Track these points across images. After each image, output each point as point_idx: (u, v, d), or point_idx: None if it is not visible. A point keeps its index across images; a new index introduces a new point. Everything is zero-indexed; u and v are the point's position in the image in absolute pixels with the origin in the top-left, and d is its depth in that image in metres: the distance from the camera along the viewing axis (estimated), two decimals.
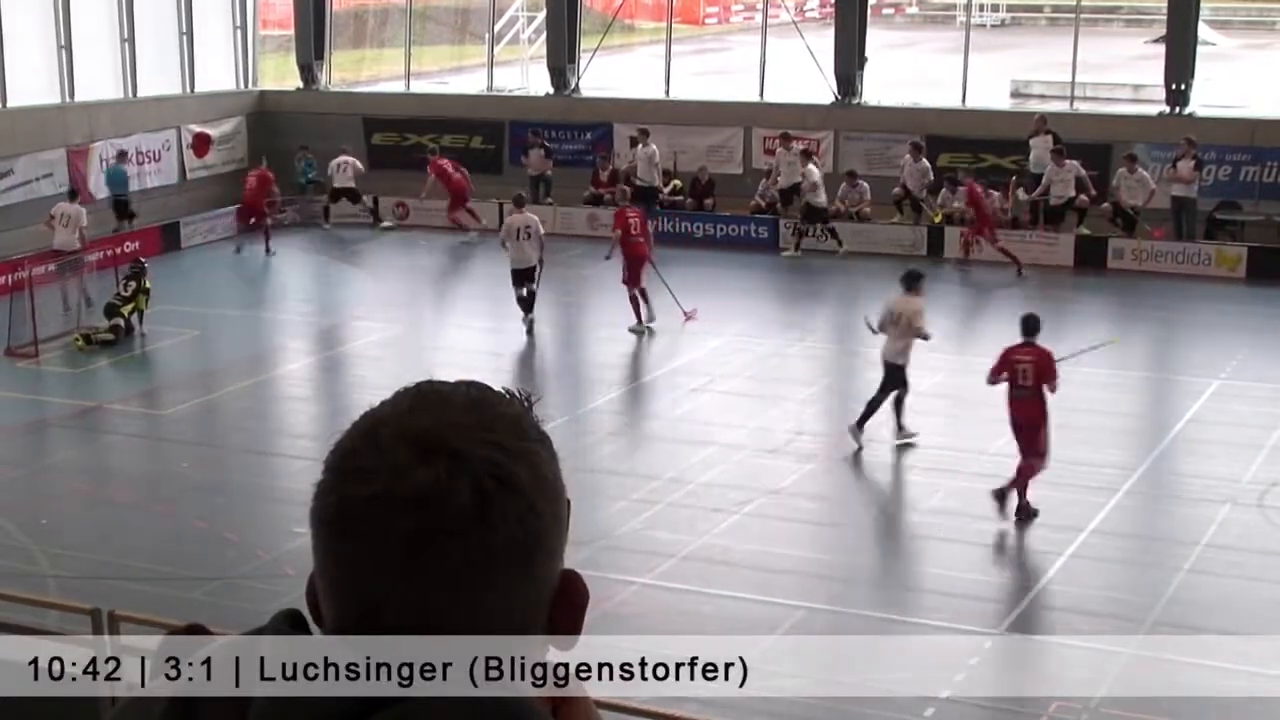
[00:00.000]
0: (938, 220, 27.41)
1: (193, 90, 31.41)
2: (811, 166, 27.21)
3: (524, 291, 22.20)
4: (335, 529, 1.48)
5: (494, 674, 1.47)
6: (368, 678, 1.43)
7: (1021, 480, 15.09)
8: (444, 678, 1.44)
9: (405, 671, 1.44)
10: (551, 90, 31.44)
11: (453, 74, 36.58)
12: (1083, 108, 30.46)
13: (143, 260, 23.42)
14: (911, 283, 17.42)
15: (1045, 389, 15.08)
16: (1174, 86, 27.45)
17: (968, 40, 30.01)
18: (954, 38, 34.29)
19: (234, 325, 23.86)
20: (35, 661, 10.06)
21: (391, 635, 1.46)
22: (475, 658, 1.47)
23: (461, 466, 1.46)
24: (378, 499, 1.45)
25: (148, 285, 22.55)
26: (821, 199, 27.17)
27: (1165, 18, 28.33)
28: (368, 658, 1.45)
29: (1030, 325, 15.30)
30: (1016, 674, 12.43)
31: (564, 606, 1.55)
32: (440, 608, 1.46)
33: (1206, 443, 17.82)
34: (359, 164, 30.27)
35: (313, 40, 32.74)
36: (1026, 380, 15.07)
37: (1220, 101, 30.22)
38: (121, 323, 22.22)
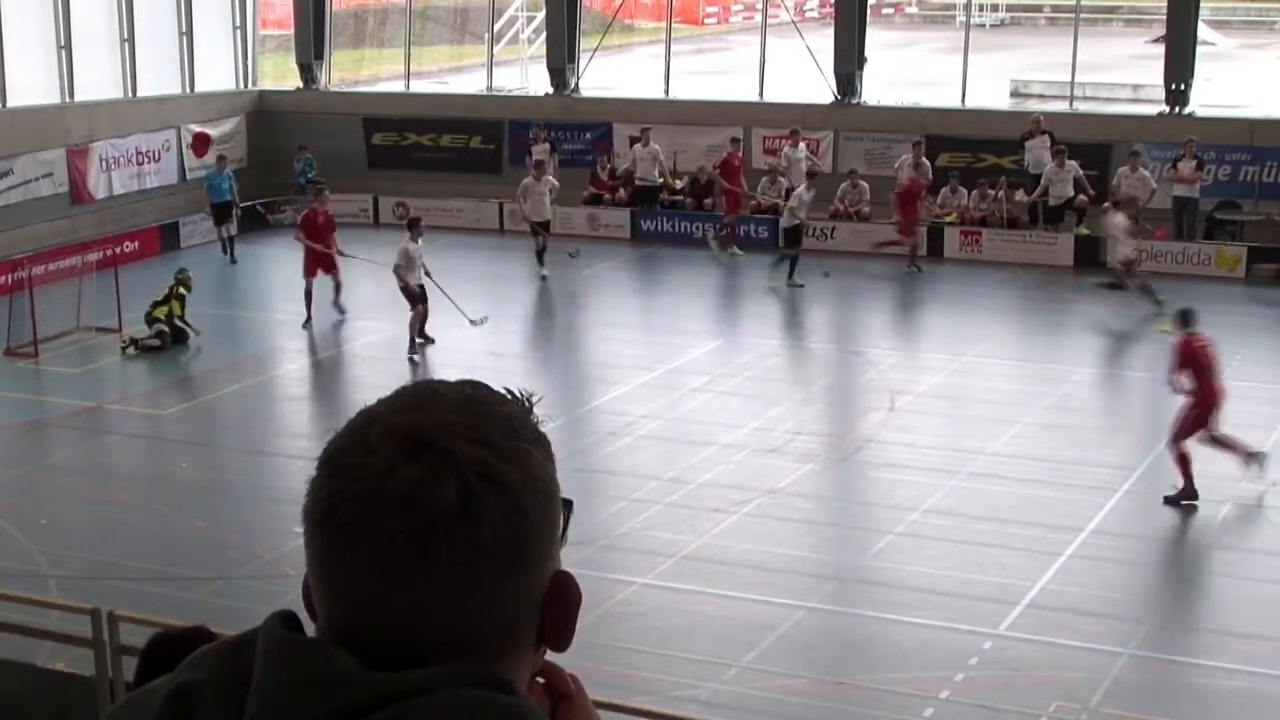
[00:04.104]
0: (949, 220, 27.38)
1: (192, 90, 31.42)
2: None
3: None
4: (324, 526, 1.48)
5: (490, 674, 1.47)
6: (362, 677, 1.43)
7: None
8: (439, 678, 1.43)
9: (399, 671, 1.44)
10: (551, 90, 31.44)
11: (452, 74, 36.58)
12: (1082, 108, 30.46)
13: (185, 269, 23.01)
14: None
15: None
16: (1173, 86, 27.46)
17: (967, 40, 30.01)
18: (953, 37, 34.30)
19: (234, 325, 23.86)
20: (35, 661, 10.08)
21: (382, 633, 1.46)
22: (470, 658, 1.47)
23: (448, 464, 1.46)
24: (365, 496, 1.45)
25: (181, 291, 22.30)
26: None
27: (1165, 17, 28.34)
28: (362, 657, 1.45)
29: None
30: (1016, 674, 12.43)
31: (556, 607, 1.54)
32: (428, 606, 1.46)
33: None
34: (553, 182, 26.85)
35: (312, 40, 32.75)
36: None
37: (1220, 101, 30.22)
38: (165, 328, 22.04)
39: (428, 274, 21.35)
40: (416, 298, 21.47)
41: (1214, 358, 15.43)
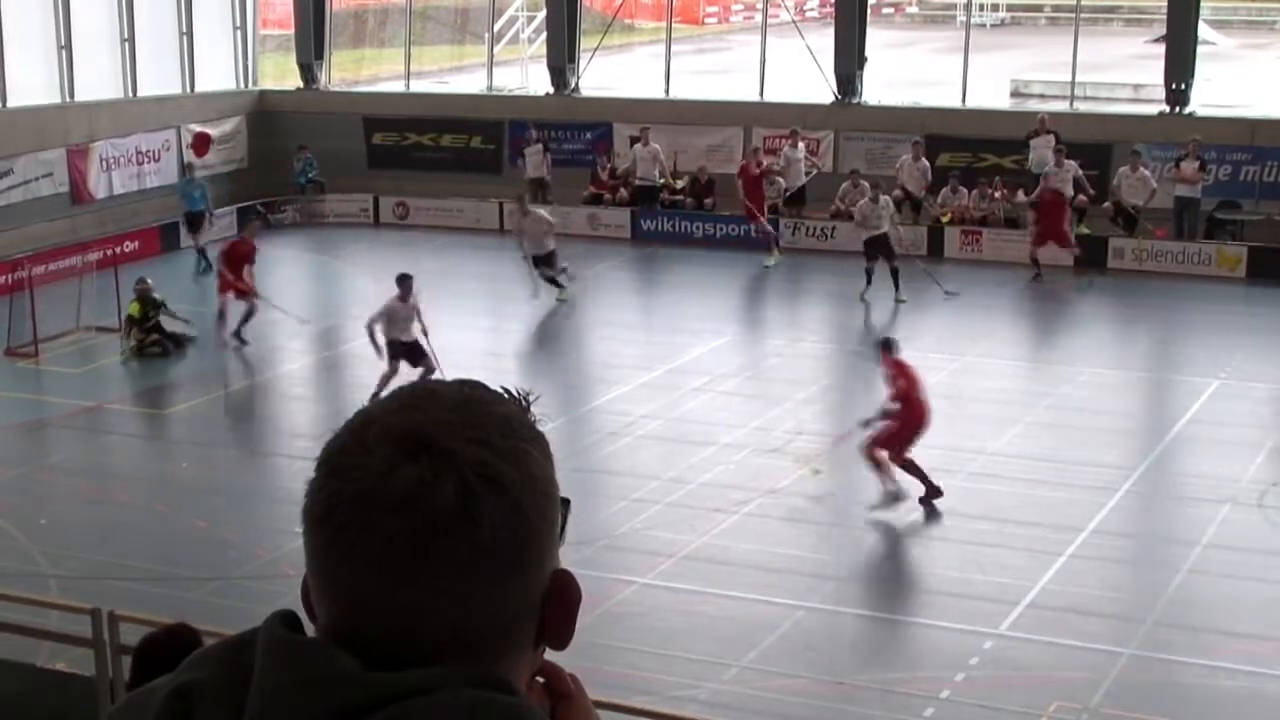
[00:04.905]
0: (948, 221, 27.36)
1: (192, 90, 31.42)
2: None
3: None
4: (323, 526, 1.48)
5: (489, 674, 1.47)
6: (362, 677, 1.43)
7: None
8: (439, 678, 1.43)
9: (399, 671, 1.44)
10: (551, 90, 31.44)
11: (453, 74, 36.58)
12: (1082, 108, 30.45)
13: (143, 278, 22.41)
14: None
15: None
16: (1174, 86, 27.45)
17: (967, 40, 30.02)
18: (954, 37, 34.29)
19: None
20: (35, 661, 10.08)
21: (382, 633, 1.46)
22: (470, 657, 1.47)
23: (447, 464, 1.45)
24: (363, 497, 1.45)
25: (131, 312, 21.71)
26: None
27: (1165, 17, 28.34)
28: (361, 657, 1.45)
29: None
30: (1016, 674, 12.43)
31: (556, 606, 1.54)
32: (428, 606, 1.46)
33: (1206, 443, 17.82)
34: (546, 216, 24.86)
35: (312, 40, 32.75)
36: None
37: (1220, 101, 30.22)
38: (160, 336, 21.79)
39: (425, 333, 18.94)
40: (399, 354, 18.84)
41: (918, 380, 15.66)
